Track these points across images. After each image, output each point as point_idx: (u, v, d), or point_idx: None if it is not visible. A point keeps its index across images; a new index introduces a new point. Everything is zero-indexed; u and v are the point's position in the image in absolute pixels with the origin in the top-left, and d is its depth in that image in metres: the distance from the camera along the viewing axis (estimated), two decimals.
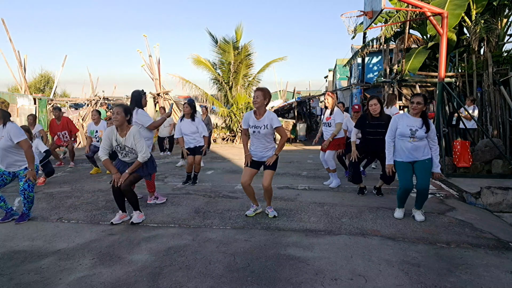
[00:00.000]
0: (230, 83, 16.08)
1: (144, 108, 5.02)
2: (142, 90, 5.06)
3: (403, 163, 4.16)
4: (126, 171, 4.03)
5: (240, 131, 15.77)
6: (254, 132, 4.13)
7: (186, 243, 3.48)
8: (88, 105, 15.74)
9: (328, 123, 6.05)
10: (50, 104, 14.92)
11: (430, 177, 4.15)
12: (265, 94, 4.10)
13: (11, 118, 4.20)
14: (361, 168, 6.96)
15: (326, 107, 6.19)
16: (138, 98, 4.94)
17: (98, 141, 7.30)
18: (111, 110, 7.62)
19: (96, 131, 7.26)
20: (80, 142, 14.50)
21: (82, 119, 14.59)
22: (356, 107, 6.52)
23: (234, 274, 2.82)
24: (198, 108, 9.45)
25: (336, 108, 6.14)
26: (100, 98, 15.53)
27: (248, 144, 4.31)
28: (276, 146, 4.20)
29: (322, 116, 6.25)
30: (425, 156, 4.08)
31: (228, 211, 4.56)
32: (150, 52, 16.30)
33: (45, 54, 73.77)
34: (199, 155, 6.22)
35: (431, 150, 4.11)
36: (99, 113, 7.49)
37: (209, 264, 2.99)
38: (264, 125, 4.08)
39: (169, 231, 3.84)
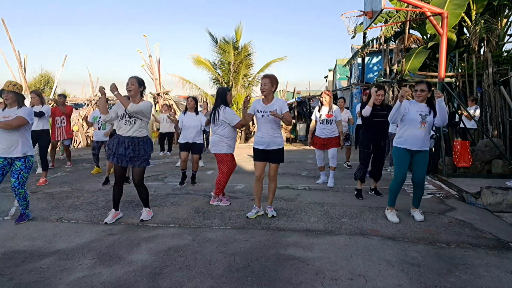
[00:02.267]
0: (230, 83, 16.08)
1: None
2: (227, 87, 5.03)
3: (405, 151, 4.12)
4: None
5: (240, 131, 15.77)
6: (263, 116, 4.13)
7: (186, 243, 3.48)
8: (88, 105, 15.74)
9: (329, 120, 6.06)
10: (50, 104, 14.91)
11: (426, 169, 4.20)
12: (272, 81, 4.13)
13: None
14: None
15: (322, 104, 6.18)
16: (223, 96, 4.79)
17: (100, 128, 7.18)
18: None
19: (100, 117, 7.14)
20: (80, 142, 14.50)
21: (82, 119, 14.58)
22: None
23: (234, 274, 2.82)
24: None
25: (334, 106, 6.17)
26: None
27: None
28: (282, 137, 4.29)
29: (318, 113, 6.16)
30: (426, 147, 4.12)
31: (228, 211, 4.56)
32: (150, 52, 16.32)
33: (45, 54, 73.79)
34: (196, 153, 6.16)
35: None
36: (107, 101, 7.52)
37: (209, 264, 2.99)
38: (274, 109, 4.08)
39: (169, 231, 3.84)
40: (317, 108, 6.24)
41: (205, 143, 12.19)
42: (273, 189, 4.34)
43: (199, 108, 9.86)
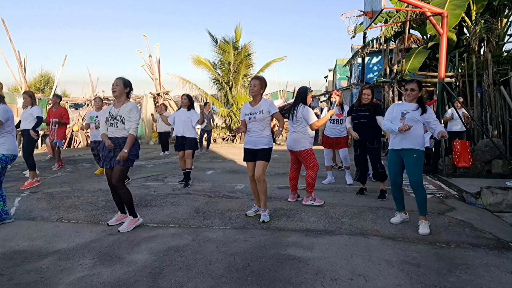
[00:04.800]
0: (230, 83, 16.09)
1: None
2: (309, 87, 5.03)
3: (393, 152, 3.99)
4: (124, 149, 3.72)
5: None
6: (250, 118, 4.16)
7: (186, 243, 3.48)
8: (88, 105, 15.75)
9: (339, 120, 6.17)
10: (50, 104, 14.92)
11: (420, 172, 3.86)
12: (261, 83, 4.16)
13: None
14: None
15: (331, 104, 6.20)
16: (304, 95, 4.79)
17: (96, 128, 7.13)
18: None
19: (97, 116, 7.04)
20: (80, 142, 14.50)
21: (82, 119, 14.58)
22: None
23: (234, 274, 2.82)
24: (197, 109, 9.43)
25: (345, 106, 6.22)
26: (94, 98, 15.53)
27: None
28: (271, 137, 4.27)
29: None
30: (414, 146, 3.79)
31: (228, 211, 4.56)
32: (150, 52, 16.34)
33: (45, 54, 73.72)
34: (189, 149, 6.19)
35: (432, 130, 3.86)
36: (102, 100, 7.54)
37: (209, 264, 2.99)
38: (259, 110, 4.11)
39: (169, 231, 3.84)
40: (326, 108, 6.29)
41: (205, 143, 12.22)
42: (262, 190, 4.15)
43: (198, 109, 9.90)
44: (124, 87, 3.93)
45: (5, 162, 4.11)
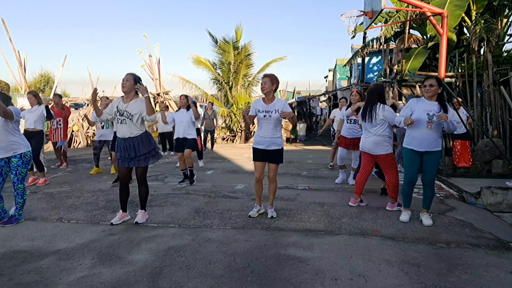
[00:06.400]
0: (230, 83, 16.09)
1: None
2: (382, 83, 4.86)
3: (413, 152, 3.99)
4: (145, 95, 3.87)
5: (240, 131, 15.77)
6: (265, 116, 4.10)
7: (186, 243, 3.48)
8: (88, 105, 15.73)
9: (358, 120, 6.07)
10: (50, 104, 14.90)
11: (436, 170, 4.02)
12: (272, 80, 4.12)
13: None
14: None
15: (351, 103, 6.10)
16: (382, 92, 4.47)
17: (102, 127, 7.26)
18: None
19: None
20: (80, 142, 14.49)
21: (82, 119, 14.57)
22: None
23: (234, 274, 2.82)
24: (200, 110, 9.47)
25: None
26: (100, 98, 15.52)
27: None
28: (283, 137, 4.28)
29: (345, 114, 6.04)
30: (436, 147, 3.91)
31: (228, 211, 4.56)
32: (150, 52, 16.33)
33: (45, 54, 73.73)
34: (188, 148, 6.23)
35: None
36: (108, 99, 7.62)
37: (209, 264, 2.99)
38: (275, 109, 4.07)
39: (169, 231, 3.84)
40: (344, 108, 6.17)
41: (209, 144, 12.24)
42: (273, 190, 4.32)
43: (200, 110, 9.92)
44: (134, 83, 3.99)
45: (30, 160, 4.26)
